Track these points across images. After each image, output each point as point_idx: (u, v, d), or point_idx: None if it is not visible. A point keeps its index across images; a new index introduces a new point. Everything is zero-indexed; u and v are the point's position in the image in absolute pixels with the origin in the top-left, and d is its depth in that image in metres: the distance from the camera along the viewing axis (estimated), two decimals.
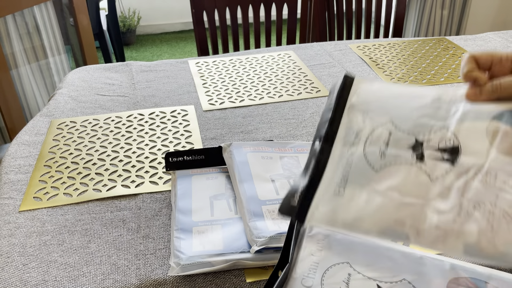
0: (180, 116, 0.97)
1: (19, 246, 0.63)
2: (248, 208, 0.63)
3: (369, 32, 1.88)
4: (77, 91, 1.09)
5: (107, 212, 0.70)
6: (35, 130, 0.93)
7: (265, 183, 0.69)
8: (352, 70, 1.19)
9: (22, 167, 0.81)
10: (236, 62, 1.24)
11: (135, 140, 0.89)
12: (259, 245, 0.57)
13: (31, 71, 1.75)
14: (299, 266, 0.50)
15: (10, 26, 1.63)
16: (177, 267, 0.56)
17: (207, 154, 0.76)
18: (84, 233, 0.66)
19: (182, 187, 0.71)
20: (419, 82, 1.12)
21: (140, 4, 3.64)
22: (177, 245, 0.60)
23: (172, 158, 0.75)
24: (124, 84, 1.13)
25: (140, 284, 0.57)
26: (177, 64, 1.24)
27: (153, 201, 0.72)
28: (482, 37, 1.41)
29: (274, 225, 0.61)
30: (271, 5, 1.70)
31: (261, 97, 1.05)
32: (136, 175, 0.78)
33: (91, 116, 0.97)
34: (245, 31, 1.71)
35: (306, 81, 1.13)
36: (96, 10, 2.66)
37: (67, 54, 1.92)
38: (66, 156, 0.84)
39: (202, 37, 1.69)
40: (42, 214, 0.70)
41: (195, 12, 1.63)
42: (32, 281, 0.58)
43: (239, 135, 0.90)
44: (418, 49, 1.31)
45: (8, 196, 0.74)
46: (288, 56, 1.27)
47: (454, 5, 2.54)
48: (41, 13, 1.74)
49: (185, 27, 3.82)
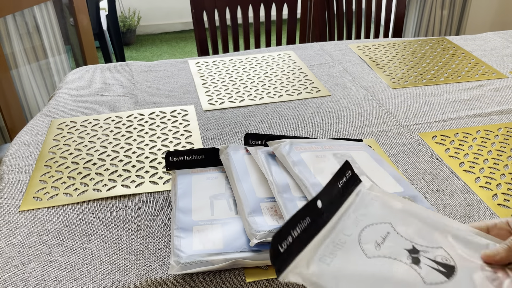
0: (180, 116, 0.97)
1: (19, 246, 0.63)
2: (246, 205, 0.64)
3: (369, 32, 1.88)
4: (77, 91, 1.09)
5: (107, 212, 0.70)
6: (35, 130, 0.93)
7: (263, 181, 0.69)
8: (352, 70, 1.19)
9: (22, 167, 0.81)
10: (236, 62, 1.24)
11: (135, 140, 0.89)
12: (259, 238, 0.58)
13: (31, 71, 1.75)
14: (343, 218, 0.52)
15: (10, 26, 1.63)
16: (177, 266, 0.56)
17: (208, 154, 0.76)
18: (84, 233, 0.66)
19: (182, 186, 0.71)
20: (419, 82, 1.12)
21: (140, 4, 3.64)
22: (177, 244, 0.60)
23: (172, 157, 0.75)
24: (124, 84, 1.13)
25: (140, 284, 0.57)
26: (177, 64, 1.24)
27: (153, 201, 0.72)
28: (482, 37, 1.41)
29: (272, 221, 0.61)
30: (271, 5, 1.70)
31: (261, 97, 1.05)
32: (136, 175, 0.78)
33: (91, 116, 0.98)
34: (245, 31, 1.71)
35: (306, 81, 1.13)
36: (96, 10, 2.66)
37: (67, 54, 1.92)
38: (66, 156, 0.84)
39: (202, 37, 1.69)
40: (42, 214, 0.70)
41: (195, 12, 1.63)
42: (32, 281, 0.58)
43: (239, 135, 0.90)
44: (418, 49, 1.32)
45: (8, 196, 0.74)
46: (288, 56, 1.27)
47: (454, 5, 2.54)
48: (41, 13, 1.74)
49: (185, 27, 3.82)
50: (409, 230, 0.51)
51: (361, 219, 0.52)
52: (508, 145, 0.86)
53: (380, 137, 0.89)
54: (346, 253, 0.48)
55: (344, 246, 0.49)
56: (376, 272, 0.47)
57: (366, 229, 0.51)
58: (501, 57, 1.26)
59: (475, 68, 1.19)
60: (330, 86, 1.11)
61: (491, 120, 0.95)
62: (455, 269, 0.47)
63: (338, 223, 0.51)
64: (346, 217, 0.52)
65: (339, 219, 0.52)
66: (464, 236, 0.51)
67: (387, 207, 0.55)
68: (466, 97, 1.04)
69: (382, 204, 0.55)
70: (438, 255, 0.49)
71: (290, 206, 0.61)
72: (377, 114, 0.97)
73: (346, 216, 0.52)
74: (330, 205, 0.52)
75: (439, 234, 0.52)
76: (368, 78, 1.15)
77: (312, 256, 0.47)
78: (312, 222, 0.50)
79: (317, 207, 0.51)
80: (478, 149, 0.85)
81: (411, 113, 0.98)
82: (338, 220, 0.52)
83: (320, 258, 0.47)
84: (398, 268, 0.47)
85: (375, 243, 0.49)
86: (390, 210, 0.54)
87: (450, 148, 0.86)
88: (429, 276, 0.46)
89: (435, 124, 0.93)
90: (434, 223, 0.53)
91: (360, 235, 0.50)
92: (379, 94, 1.06)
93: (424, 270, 0.47)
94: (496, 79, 1.13)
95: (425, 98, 1.04)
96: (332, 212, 0.52)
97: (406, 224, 0.52)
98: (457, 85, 1.10)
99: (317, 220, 0.50)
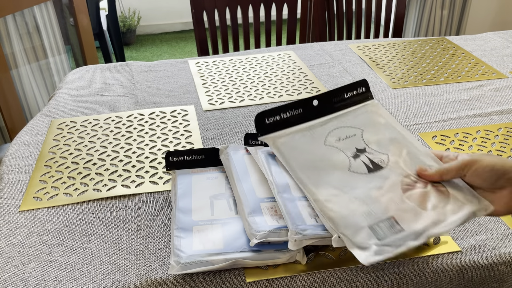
0: (180, 116, 0.97)
1: (19, 246, 0.64)
2: (246, 205, 0.64)
3: (369, 32, 1.88)
4: (77, 91, 1.09)
5: (107, 212, 0.70)
6: (35, 130, 0.93)
7: (263, 181, 0.69)
8: (352, 70, 1.19)
9: (22, 167, 0.81)
10: (236, 62, 1.24)
11: (135, 140, 0.89)
12: (259, 238, 0.58)
13: (31, 71, 1.75)
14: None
15: (10, 26, 1.63)
16: (177, 266, 0.56)
17: (208, 154, 0.76)
18: (84, 233, 0.66)
19: (182, 186, 0.71)
20: (419, 82, 1.12)
21: (140, 4, 3.64)
22: (177, 244, 0.60)
23: (172, 157, 0.75)
24: (124, 84, 1.13)
25: (140, 284, 0.57)
26: (177, 64, 1.24)
27: (153, 201, 0.72)
28: (482, 37, 1.41)
29: (272, 221, 0.61)
30: (271, 5, 1.70)
31: (261, 97, 1.05)
32: (136, 175, 0.78)
33: (91, 116, 0.98)
34: (245, 31, 1.71)
35: (306, 81, 1.13)
36: (96, 10, 2.66)
37: (67, 54, 1.92)
38: (66, 156, 0.84)
39: (202, 37, 1.69)
40: (42, 214, 0.70)
41: (195, 12, 1.63)
42: (32, 281, 0.58)
43: (239, 135, 0.90)
44: (418, 49, 1.32)
45: (8, 196, 0.74)
46: (288, 56, 1.27)
47: (454, 5, 2.54)
48: (41, 13, 1.74)
49: (185, 27, 3.82)
50: (372, 137, 0.64)
51: (343, 121, 0.66)
52: (508, 145, 0.86)
53: None
54: (311, 137, 0.64)
55: (314, 134, 0.64)
56: (321, 153, 0.62)
57: (339, 129, 0.65)
58: (501, 57, 1.26)
59: (475, 68, 1.19)
60: (330, 86, 1.10)
61: (491, 120, 0.95)
62: (381, 169, 0.59)
63: (328, 121, 0.66)
64: (336, 119, 0.66)
65: (331, 119, 0.66)
66: (417, 155, 0.61)
67: (371, 119, 0.67)
68: (466, 97, 1.04)
69: (368, 116, 0.67)
70: (377, 157, 0.61)
71: (290, 206, 0.61)
72: None
73: (337, 119, 0.66)
74: (327, 107, 0.67)
75: (396, 146, 0.62)
76: (368, 78, 1.14)
77: (288, 135, 0.64)
78: (302, 113, 0.65)
79: (312, 104, 0.66)
80: (478, 149, 0.85)
81: (411, 113, 0.98)
82: (330, 119, 0.66)
83: (292, 136, 0.64)
84: (339, 156, 0.61)
85: (338, 138, 0.64)
86: (371, 121, 0.66)
87: (450, 148, 0.86)
88: (355, 167, 0.59)
89: (435, 124, 0.93)
90: (400, 139, 0.64)
91: (332, 131, 0.64)
92: (379, 94, 1.06)
93: (356, 163, 0.60)
94: (496, 79, 1.13)
95: (425, 98, 1.04)
96: (326, 113, 0.66)
97: (374, 134, 0.64)
98: (457, 85, 1.10)
99: (309, 114, 0.65)
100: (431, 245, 0.62)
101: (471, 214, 0.54)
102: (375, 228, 0.53)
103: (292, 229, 0.57)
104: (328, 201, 0.56)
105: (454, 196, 0.56)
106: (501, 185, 0.54)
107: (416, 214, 0.54)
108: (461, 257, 0.61)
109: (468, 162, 0.55)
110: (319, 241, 0.58)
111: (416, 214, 0.54)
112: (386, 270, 0.59)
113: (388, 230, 0.52)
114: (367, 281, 0.58)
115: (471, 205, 0.55)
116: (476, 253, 0.62)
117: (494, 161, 0.54)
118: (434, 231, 0.53)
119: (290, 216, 0.59)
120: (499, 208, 0.55)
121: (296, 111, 0.65)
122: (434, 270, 0.59)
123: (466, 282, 0.60)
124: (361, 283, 0.58)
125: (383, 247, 0.50)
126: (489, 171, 0.54)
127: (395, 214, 0.54)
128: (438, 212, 0.54)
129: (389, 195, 0.56)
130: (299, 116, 0.66)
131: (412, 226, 0.53)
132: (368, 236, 0.52)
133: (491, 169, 0.54)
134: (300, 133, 0.64)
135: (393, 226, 0.53)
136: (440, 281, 0.59)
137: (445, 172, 0.57)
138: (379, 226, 0.53)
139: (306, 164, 0.60)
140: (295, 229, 0.57)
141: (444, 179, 0.58)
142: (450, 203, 0.55)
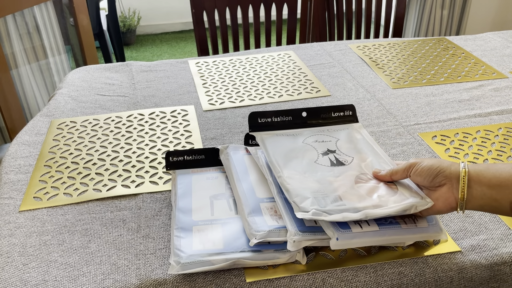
0: (180, 116, 0.97)
1: (19, 246, 0.64)
2: (246, 205, 0.64)
3: (369, 32, 1.88)
4: (77, 91, 1.09)
5: (107, 212, 0.70)
6: (35, 130, 0.93)
7: (262, 182, 0.69)
8: (352, 70, 1.19)
9: (22, 167, 0.81)
10: (236, 62, 1.24)
11: (135, 140, 0.89)
12: (258, 238, 0.58)
13: (31, 71, 1.75)
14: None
15: (10, 26, 1.63)
16: (177, 266, 0.56)
17: (208, 154, 0.76)
18: (84, 233, 0.66)
19: (182, 186, 0.71)
20: (419, 82, 1.12)
21: (140, 4, 3.64)
22: (177, 243, 0.60)
23: (172, 157, 0.75)
24: (124, 84, 1.13)
25: (140, 284, 0.57)
26: (177, 64, 1.24)
27: (153, 201, 0.72)
28: (482, 37, 1.41)
29: (272, 221, 0.61)
30: (271, 5, 1.70)
31: (261, 97, 1.05)
32: (136, 175, 0.78)
33: (91, 116, 0.98)
34: (245, 31, 1.71)
35: (306, 81, 1.13)
36: (96, 10, 2.66)
37: (67, 54, 1.92)
38: (66, 156, 0.84)
39: (202, 37, 1.69)
40: (42, 214, 0.70)
41: (195, 12, 1.63)
42: (32, 281, 0.58)
43: (239, 135, 0.90)
44: (418, 49, 1.32)
45: (8, 196, 0.74)
46: (288, 56, 1.27)
47: (454, 5, 2.54)
48: (41, 13, 1.74)
49: (185, 27, 3.82)
50: (345, 145, 0.73)
51: (325, 132, 0.76)
52: (508, 145, 0.86)
53: (380, 137, 0.89)
54: (293, 137, 0.74)
55: (296, 137, 0.74)
56: (297, 148, 0.71)
57: (319, 135, 0.75)
58: (501, 57, 1.26)
59: (475, 68, 1.19)
60: (330, 86, 1.11)
61: (491, 120, 0.95)
62: (343, 165, 0.68)
63: (311, 131, 0.76)
64: (319, 130, 0.76)
65: (315, 130, 0.76)
66: (379, 162, 0.69)
67: (349, 134, 0.76)
68: (466, 97, 1.04)
69: (348, 131, 0.77)
70: (343, 158, 0.70)
71: (289, 206, 0.61)
72: (377, 114, 0.97)
73: (320, 130, 0.76)
74: (314, 120, 0.77)
75: (363, 155, 0.71)
76: (368, 78, 1.15)
77: (274, 135, 0.74)
78: (291, 121, 0.76)
79: (301, 115, 0.76)
80: (478, 149, 0.85)
81: (411, 113, 0.98)
82: (313, 130, 0.76)
83: (277, 135, 0.74)
84: (311, 152, 0.71)
85: (315, 140, 0.73)
86: (348, 135, 0.75)
87: (450, 148, 0.86)
88: (321, 161, 0.69)
89: (435, 124, 0.93)
90: (370, 150, 0.72)
91: (311, 136, 0.74)
92: (379, 94, 1.06)
93: (323, 158, 0.69)
94: (496, 79, 1.13)
95: (425, 98, 1.04)
96: (312, 125, 0.77)
97: (347, 142, 0.74)
98: (457, 85, 1.10)
99: (296, 122, 0.76)
100: (431, 245, 0.63)
101: (412, 206, 0.59)
102: (319, 198, 0.60)
103: (291, 230, 0.57)
104: (289, 177, 0.64)
105: (401, 192, 0.62)
106: (439, 182, 0.59)
107: (360, 197, 0.61)
108: (461, 257, 0.61)
109: (411, 163, 0.62)
110: (318, 242, 0.58)
111: (360, 197, 0.61)
112: (386, 270, 0.59)
113: (330, 203, 0.59)
114: (367, 281, 0.58)
115: (413, 199, 0.60)
116: (476, 253, 0.62)
117: (432, 162, 0.61)
118: (373, 211, 0.58)
119: (289, 217, 0.59)
120: (441, 205, 0.59)
121: (286, 118, 0.76)
122: (434, 270, 0.59)
123: (466, 282, 0.60)
124: (361, 283, 0.58)
125: (321, 212, 0.57)
126: (428, 169, 0.60)
127: (342, 194, 0.61)
128: (381, 200, 0.61)
129: (342, 182, 0.64)
130: (288, 122, 0.76)
131: (354, 204, 0.59)
132: (312, 203, 0.59)
133: (429, 168, 0.60)
134: (285, 135, 0.74)
135: (336, 201, 0.60)
136: (440, 281, 0.59)
137: (394, 172, 0.64)
138: (324, 199, 0.60)
139: (281, 153, 0.70)
140: (294, 230, 0.57)
141: (393, 179, 0.65)
142: (395, 196, 0.62)
